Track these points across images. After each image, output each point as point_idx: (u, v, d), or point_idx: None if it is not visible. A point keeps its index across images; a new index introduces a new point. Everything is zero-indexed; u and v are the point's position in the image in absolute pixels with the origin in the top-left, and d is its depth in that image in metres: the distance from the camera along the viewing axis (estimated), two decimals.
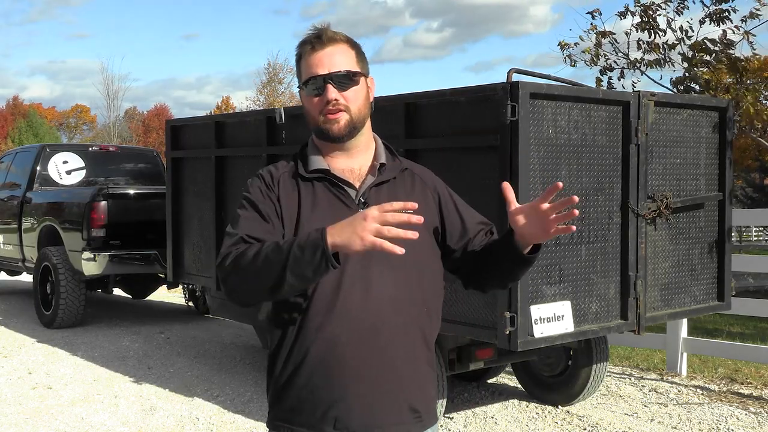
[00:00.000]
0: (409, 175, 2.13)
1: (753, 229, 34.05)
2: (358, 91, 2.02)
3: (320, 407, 1.96)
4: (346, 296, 1.93)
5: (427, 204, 2.08)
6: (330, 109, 1.99)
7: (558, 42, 8.14)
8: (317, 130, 2.04)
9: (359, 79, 2.03)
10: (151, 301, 11.42)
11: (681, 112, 5.27)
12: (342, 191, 2.02)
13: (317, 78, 1.99)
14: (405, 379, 2.00)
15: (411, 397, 2.01)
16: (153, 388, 6.50)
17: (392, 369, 1.97)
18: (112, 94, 50.56)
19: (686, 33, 7.48)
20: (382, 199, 2.00)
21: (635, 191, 4.90)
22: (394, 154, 2.13)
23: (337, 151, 2.06)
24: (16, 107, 63.30)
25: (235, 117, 7.93)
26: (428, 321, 2.06)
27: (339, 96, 1.99)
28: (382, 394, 1.96)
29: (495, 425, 5.46)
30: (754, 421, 5.54)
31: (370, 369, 1.95)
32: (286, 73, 42.05)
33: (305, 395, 1.97)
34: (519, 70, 4.96)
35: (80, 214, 8.82)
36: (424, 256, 2.04)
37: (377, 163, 2.07)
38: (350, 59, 2.03)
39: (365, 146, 2.08)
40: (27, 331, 8.93)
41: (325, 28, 2.04)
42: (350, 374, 1.94)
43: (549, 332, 4.47)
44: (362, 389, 1.95)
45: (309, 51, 2.02)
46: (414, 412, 2.02)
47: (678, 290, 5.29)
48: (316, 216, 1.99)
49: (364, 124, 2.05)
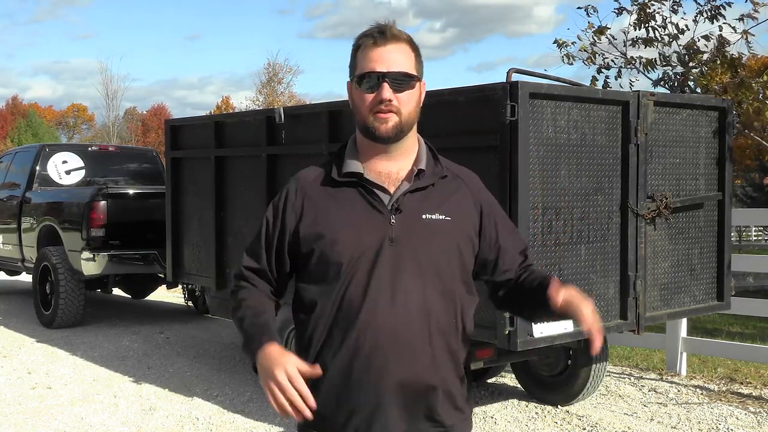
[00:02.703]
0: (453, 180, 2.05)
1: (753, 229, 34.08)
2: (412, 94, 1.97)
3: (342, 415, 1.94)
4: (372, 304, 1.90)
5: (465, 212, 2.02)
6: (382, 109, 1.93)
7: (554, 39, 8.11)
8: (363, 126, 1.98)
9: (415, 82, 1.98)
10: (150, 301, 11.41)
11: (680, 112, 5.27)
12: (375, 197, 1.97)
13: (374, 74, 1.93)
14: (429, 390, 1.95)
15: (435, 409, 1.96)
16: (152, 388, 6.50)
17: (416, 380, 1.93)
18: (111, 94, 50.62)
19: (682, 31, 7.46)
20: (417, 206, 1.96)
21: (635, 191, 4.91)
22: (438, 159, 2.06)
23: (379, 153, 2.00)
24: (16, 107, 63.32)
25: (235, 117, 7.93)
26: (456, 333, 1.99)
27: (393, 97, 1.93)
28: (404, 405, 1.93)
29: (495, 425, 5.46)
30: (754, 420, 5.54)
31: (393, 379, 1.91)
32: (285, 73, 42.11)
33: (328, 402, 1.95)
34: (518, 70, 4.96)
35: (80, 214, 8.81)
36: (454, 266, 1.98)
37: (416, 168, 2.00)
38: (410, 61, 1.98)
39: (408, 150, 2.03)
40: (26, 331, 8.92)
41: (390, 24, 1.99)
42: (371, 385, 1.91)
43: (548, 332, 4.47)
44: (383, 399, 1.91)
45: (370, 45, 1.95)
46: (436, 423, 1.97)
47: (677, 290, 5.29)
48: (347, 222, 1.95)
49: (411, 128, 2.00)
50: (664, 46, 7.57)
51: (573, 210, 4.65)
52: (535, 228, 4.44)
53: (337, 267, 1.93)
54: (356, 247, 1.93)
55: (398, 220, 1.94)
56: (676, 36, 7.49)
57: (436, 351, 1.94)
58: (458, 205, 2.01)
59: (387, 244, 1.92)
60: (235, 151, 6.62)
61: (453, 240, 1.97)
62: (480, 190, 2.10)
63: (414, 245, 1.93)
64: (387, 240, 1.93)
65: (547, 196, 4.51)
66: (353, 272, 1.92)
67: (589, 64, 7.87)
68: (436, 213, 1.97)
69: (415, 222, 1.95)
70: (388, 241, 1.93)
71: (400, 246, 1.93)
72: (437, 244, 1.95)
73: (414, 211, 1.96)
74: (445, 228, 1.97)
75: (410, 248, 1.93)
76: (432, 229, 1.95)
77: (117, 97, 51.26)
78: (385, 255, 1.92)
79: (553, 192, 4.54)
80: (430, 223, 1.96)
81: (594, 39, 7.82)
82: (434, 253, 1.95)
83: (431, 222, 1.96)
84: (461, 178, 2.07)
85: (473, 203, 2.05)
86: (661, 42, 7.53)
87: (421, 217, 1.96)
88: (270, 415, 5.67)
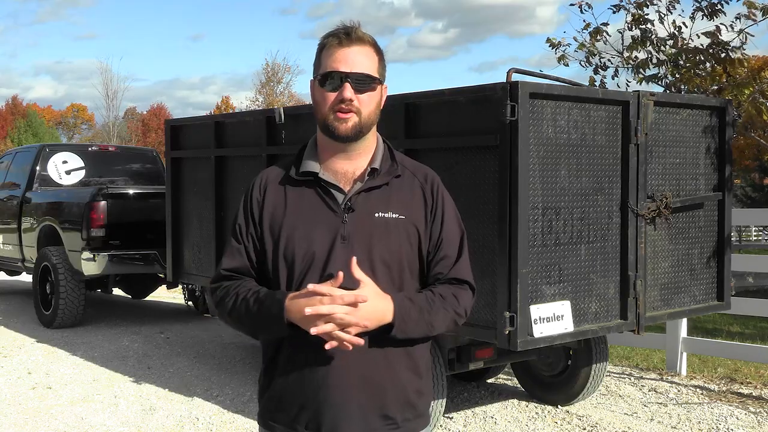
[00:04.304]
0: (408, 178, 2.08)
1: (753, 229, 34.09)
2: (372, 96, 2.01)
3: (293, 408, 2.00)
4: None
5: (416, 210, 2.04)
6: (342, 108, 1.97)
7: (546, 39, 8.06)
8: (324, 125, 2.02)
9: (376, 85, 2.02)
10: (150, 301, 11.42)
11: (680, 112, 5.27)
12: (330, 196, 2.02)
13: (337, 74, 1.97)
14: (381, 385, 1.98)
15: (385, 405, 1.99)
16: (153, 388, 6.50)
17: (367, 374, 1.96)
18: (112, 94, 50.60)
19: (679, 29, 7.43)
20: (370, 204, 2.00)
21: (635, 191, 4.90)
22: (394, 159, 2.09)
23: (337, 152, 2.04)
24: (15, 107, 63.32)
25: (235, 117, 7.93)
26: None
27: (354, 97, 1.97)
28: (353, 399, 1.96)
29: (495, 425, 5.46)
30: (754, 420, 5.54)
31: (343, 372, 1.95)
32: (284, 73, 42.10)
33: (282, 395, 2.02)
34: (518, 70, 4.96)
35: (80, 214, 8.81)
36: (401, 258, 2.01)
37: (369, 167, 2.04)
38: (373, 63, 2.01)
39: (366, 150, 2.06)
40: (27, 331, 8.92)
41: (356, 27, 2.02)
42: (320, 379, 1.96)
43: (548, 332, 4.47)
44: (332, 393, 1.95)
45: (335, 45, 1.99)
46: (386, 419, 2.00)
47: (677, 290, 5.29)
48: (300, 221, 2.01)
49: (370, 129, 2.04)
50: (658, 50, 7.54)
51: (573, 210, 4.64)
52: (535, 228, 4.43)
53: (291, 264, 1.99)
54: (309, 245, 1.98)
55: (350, 218, 1.99)
56: (673, 35, 7.46)
57: (385, 346, 1.97)
58: (410, 203, 2.04)
59: (339, 242, 1.97)
60: (235, 151, 6.62)
61: (405, 237, 2.01)
62: (435, 190, 2.09)
63: (365, 243, 1.97)
64: (339, 238, 1.97)
65: (547, 196, 4.51)
66: (306, 270, 1.98)
67: (586, 65, 7.84)
68: (389, 211, 2.01)
69: (367, 220, 1.99)
70: (340, 239, 1.97)
71: (352, 244, 1.97)
72: (389, 242, 1.99)
73: (366, 209, 2.00)
74: (397, 226, 2.00)
75: (362, 246, 1.97)
76: (384, 227, 1.99)
77: (117, 97, 51.31)
78: (337, 253, 1.96)
79: (553, 192, 4.54)
80: (381, 221, 2.00)
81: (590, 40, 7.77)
82: (386, 250, 1.99)
83: (383, 220, 2.00)
84: (417, 177, 2.10)
85: (424, 202, 2.06)
86: (654, 45, 7.50)
87: (374, 216, 2.00)
88: None
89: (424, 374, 2.09)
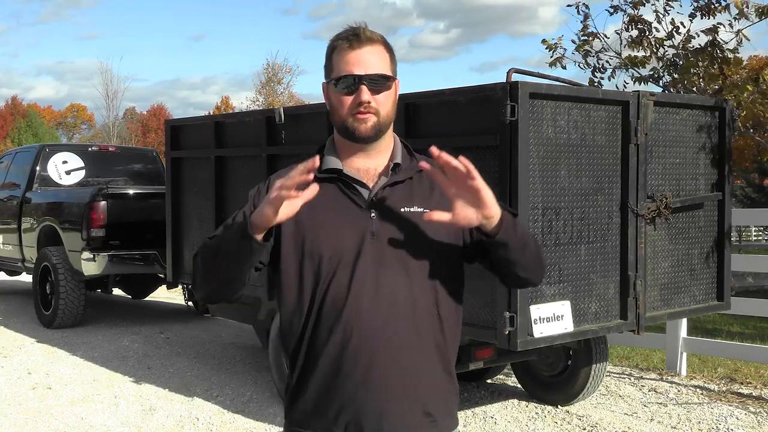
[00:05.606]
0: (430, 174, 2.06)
1: (753, 229, 34.09)
2: (389, 95, 1.99)
3: (332, 411, 1.94)
4: (356, 296, 1.90)
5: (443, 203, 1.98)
6: (361, 110, 1.95)
7: (542, 40, 8.03)
8: (343, 127, 2.00)
9: (391, 83, 2.00)
10: (150, 301, 11.42)
11: (680, 112, 5.27)
12: (354, 191, 1.99)
13: (351, 77, 1.95)
14: (419, 382, 1.95)
15: (425, 401, 1.97)
16: (153, 388, 6.50)
17: (405, 372, 1.93)
18: (112, 94, 50.59)
19: (677, 29, 7.43)
20: (396, 199, 1.98)
21: (635, 191, 4.91)
22: (413, 154, 2.09)
23: (357, 152, 2.02)
24: (15, 107, 63.32)
25: (235, 117, 7.93)
26: (439, 327, 1.99)
27: (371, 98, 1.95)
28: (394, 398, 1.93)
29: (494, 425, 5.46)
30: (754, 420, 5.55)
31: (382, 371, 1.91)
32: (284, 74, 42.10)
33: (317, 399, 1.95)
34: (518, 70, 4.96)
35: (80, 214, 8.81)
36: (438, 260, 1.99)
37: (392, 163, 2.03)
38: (385, 62, 2.00)
39: (385, 148, 2.05)
40: (27, 331, 8.92)
41: (363, 26, 2.01)
42: (361, 377, 1.91)
43: (548, 332, 4.47)
44: (373, 393, 1.91)
45: (345, 47, 1.97)
46: (428, 416, 1.97)
47: (677, 290, 5.29)
48: (326, 218, 1.96)
49: (388, 128, 2.03)
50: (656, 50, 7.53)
51: (573, 210, 4.65)
52: (535, 228, 4.44)
53: (318, 263, 1.94)
54: (338, 242, 1.94)
55: (378, 214, 1.96)
56: (670, 34, 7.46)
57: (423, 344, 1.96)
58: (436, 196, 2.01)
59: (368, 238, 1.94)
60: (235, 151, 6.62)
61: (433, 231, 1.98)
62: None
63: (395, 238, 1.95)
64: (368, 234, 1.94)
65: (547, 196, 4.51)
66: (335, 268, 1.93)
67: (584, 68, 7.83)
68: (415, 206, 1.98)
69: (395, 215, 1.97)
70: (369, 235, 1.94)
71: (382, 240, 1.94)
72: (418, 237, 1.97)
73: (393, 204, 1.98)
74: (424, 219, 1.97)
75: (392, 242, 1.94)
76: (412, 221, 1.97)
77: (117, 98, 51.29)
78: (367, 249, 1.93)
79: (553, 192, 4.54)
80: (409, 216, 1.97)
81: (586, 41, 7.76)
82: (416, 245, 1.96)
83: (411, 214, 1.97)
84: None
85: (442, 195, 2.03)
86: (652, 46, 7.49)
87: (401, 210, 1.97)
88: (270, 415, 5.67)
89: (454, 375, 2.07)
